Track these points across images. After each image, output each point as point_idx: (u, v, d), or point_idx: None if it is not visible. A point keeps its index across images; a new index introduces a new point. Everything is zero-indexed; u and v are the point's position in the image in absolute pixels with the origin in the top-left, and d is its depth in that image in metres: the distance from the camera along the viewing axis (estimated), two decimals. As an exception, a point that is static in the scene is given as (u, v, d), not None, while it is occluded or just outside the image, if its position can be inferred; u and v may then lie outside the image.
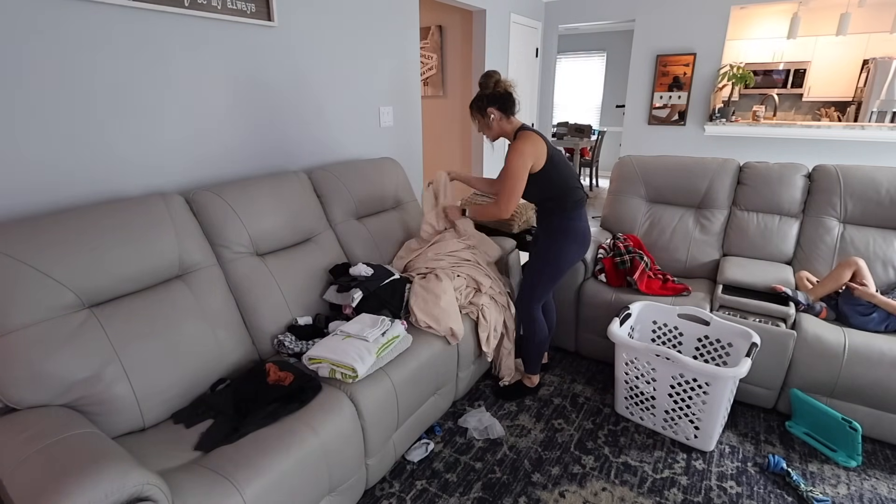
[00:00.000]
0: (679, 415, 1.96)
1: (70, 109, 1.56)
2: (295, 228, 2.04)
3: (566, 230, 2.08)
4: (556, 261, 2.12)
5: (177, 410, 1.48)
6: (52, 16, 1.47)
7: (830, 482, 1.80)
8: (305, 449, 1.35)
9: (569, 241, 2.09)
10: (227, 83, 2.01)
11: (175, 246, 1.62)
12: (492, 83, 2.04)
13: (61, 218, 1.41)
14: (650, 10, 4.59)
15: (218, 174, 2.05)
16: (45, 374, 1.25)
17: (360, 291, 1.92)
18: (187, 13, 1.80)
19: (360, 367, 1.57)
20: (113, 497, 0.96)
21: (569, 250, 2.10)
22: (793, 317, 2.06)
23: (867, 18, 5.37)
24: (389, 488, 1.79)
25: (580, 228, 2.09)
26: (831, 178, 2.42)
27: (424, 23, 4.33)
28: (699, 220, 2.66)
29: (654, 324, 2.27)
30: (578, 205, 2.08)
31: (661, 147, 4.84)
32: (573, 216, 2.07)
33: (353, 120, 2.70)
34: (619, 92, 7.75)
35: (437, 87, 4.48)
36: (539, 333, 2.23)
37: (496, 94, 2.03)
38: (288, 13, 2.20)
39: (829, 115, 5.96)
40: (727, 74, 4.37)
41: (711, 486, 1.79)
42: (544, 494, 1.76)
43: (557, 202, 2.06)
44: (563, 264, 2.12)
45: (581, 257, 2.21)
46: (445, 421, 2.15)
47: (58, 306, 1.32)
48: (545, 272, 2.14)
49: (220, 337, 1.64)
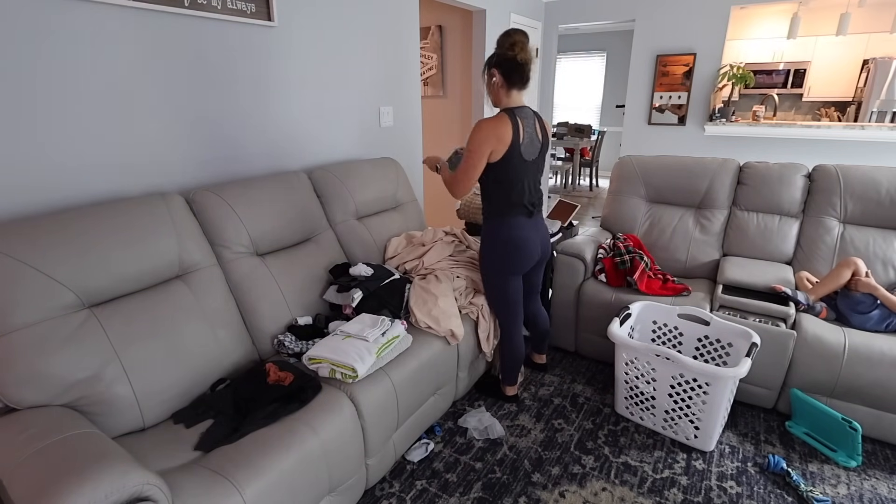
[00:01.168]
0: (679, 415, 1.96)
1: (71, 109, 1.56)
2: (295, 228, 2.04)
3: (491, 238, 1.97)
4: (485, 273, 2.06)
5: (177, 410, 1.48)
6: (55, 16, 1.47)
7: (830, 482, 1.80)
8: (305, 449, 1.35)
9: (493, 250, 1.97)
10: (227, 83, 2.01)
11: (175, 246, 1.62)
12: (507, 44, 1.79)
13: (61, 218, 1.41)
14: (650, 10, 4.59)
15: (218, 174, 2.05)
16: (45, 374, 1.25)
17: (360, 291, 1.92)
18: (187, 13, 1.80)
19: (360, 367, 1.57)
20: (113, 497, 0.96)
21: (493, 259, 1.99)
22: (793, 317, 2.06)
23: (867, 18, 5.37)
24: (389, 488, 1.79)
25: (506, 237, 1.93)
26: (831, 178, 2.42)
27: (424, 23, 4.33)
28: (699, 220, 2.66)
29: (654, 324, 2.27)
30: (508, 215, 1.92)
31: (661, 147, 4.84)
32: (505, 223, 1.93)
33: (353, 120, 2.70)
34: (619, 92, 7.76)
35: (437, 87, 4.47)
36: (507, 348, 2.13)
37: (505, 57, 1.80)
38: (288, 13, 2.20)
39: (829, 115, 5.96)
40: (727, 74, 4.37)
41: (711, 486, 1.79)
42: (544, 494, 1.76)
43: (491, 204, 1.94)
44: (492, 276, 2.03)
45: (515, 268, 1.99)
46: (445, 421, 2.15)
47: (58, 306, 1.32)
48: (485, 285, 2.09)
49: (220, 337, 1.64)
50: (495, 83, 1.85)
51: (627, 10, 4.72)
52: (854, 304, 2.04)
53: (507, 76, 1.81)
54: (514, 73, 1.80)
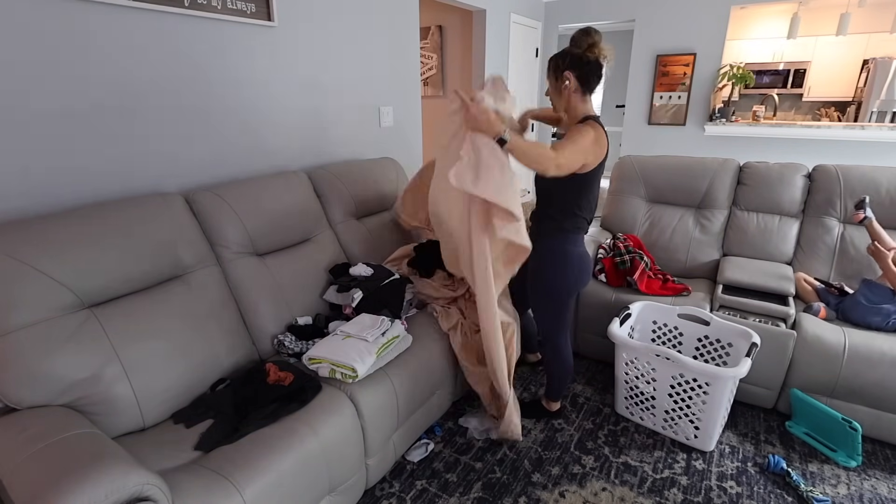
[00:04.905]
0: (679, 415, 1.96)
1: (70, 109, 1.56)
2: (295, 228, 2.04)
3: (563, 253, 1.82)
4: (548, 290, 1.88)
5: (177, 410, 1.48)
6: (55, 15, 1.47)
7: (830, 482, 1.80)
8: (305, 449, 1.35)
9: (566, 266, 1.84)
10: (227, 83, 2.01)
11: (175, 246, 1.62)
12: (585, 44, 1.62)
13: (61, 218, 1.41)
14: (650, 10, 4.59)
15: (218, 174, 2.05)
16: (45, 374, 1.25)
17: (360, 291, 1.92)
18: (187, 13, 1.80)
19: (360, 367, 1.57)
20: (113, 497, 0.96)
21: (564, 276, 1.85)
22: (793, 317, 2.06)
23: (867, 18, 5.37)
24: (389, 488, 1.79)
25: (576, 253, 1.84)
26: (831, 178, 2.42)
27: (424, 23, 4.33)
28: (699, 220, 2.66)
29: (654, 324, 2.27)
30: (580, 231, 1.84)
31: (661, 147, 4.84)
32: (571, 240, 1.82)
33: (353, 120, 2.70)
34: (619, 92, 7.75)
35: (437, 87, 4.47)
36: (557, 362, 2.01)
37: (585, 58, 1.62)
38: (288, 13, 2.20)
39: (829, 115, 5.96)
40: (727, 74, 4.37)
41: (711, 486, 1.79)
42: (544, 494, 1.76)
43: (565, 218, 1.79)
44: (557, 294, 1.88)
45: (581, 286, 1.93)
46: (445, 421, 2.15)
47: (58, 306, 1.32)
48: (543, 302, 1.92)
49: (219, 337, 1.64)
50: (567, 87, 1.66)
51: (627, 10, 4.72)
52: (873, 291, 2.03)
53: (584, 80, 1.65)
54: (593, 74, 1.65)
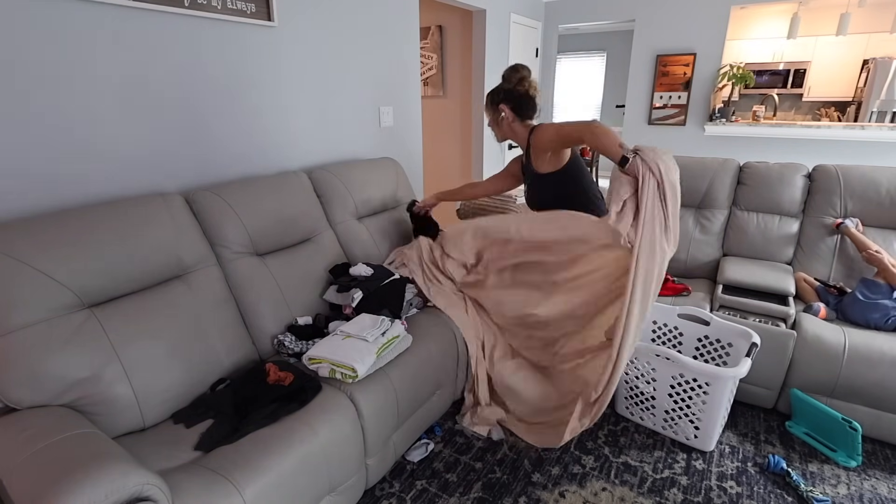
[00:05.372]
0: (679, 415, 1.96)
1: (70, 110, 1.56)
2: (295, 228, 2.04)
3: None
4: None
5: (177, 410, 1.48)
6: (55, 15, 1.47)
7: (830, 482, 1.80)
8: (305, 449, 1.35)
9: None
10: (227, 83, 2.01)
11: (175, 246, 1.61)
12: (515, 79, 1.83)
13: (61, 218, 1.41)
14: (650, 10, 4.59)
15: (217, 174, 2.05)
16: (45, 374, 1.25)
17: (360, 291, 1.92)
18: (187, 13, 1.80)
19: (360, 367, 1.57)
20: (113, 497, 0.96)
21: None
22: (793, 317, 2.06)
23: (867, 18, 5.37)
24: (389, 488, 1.79)
25: None
26: (831, 178, 2.42)
27: (424, 23, 4.33)
28: (699, 220, 2.66)
29: (654, 324, 2.27)
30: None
31: (660, 147, 4.84)
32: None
33: (352, 120, 2.70)
34: (619, 92, 7.75)
35: (437, 87, 4.47)
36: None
37: (515, 92, 1.82)
38: (288, 13, 2.19)
39: (829, 115, 5.96)
40: (727, 74, 4.37)
41: (711, 486, 1.79)
42: (544, 494, 1.76)
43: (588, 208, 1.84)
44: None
45: None
46: (445, 421, 2.15)
47: (58, 306, 1.32)
48: None
49: (219, 337, 1.64)
50: (505, 118, 1.83)
51: (627, 10, 4.72)
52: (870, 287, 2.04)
53: (517, 111, 1.83)
54: (524, 105, 1.82)
